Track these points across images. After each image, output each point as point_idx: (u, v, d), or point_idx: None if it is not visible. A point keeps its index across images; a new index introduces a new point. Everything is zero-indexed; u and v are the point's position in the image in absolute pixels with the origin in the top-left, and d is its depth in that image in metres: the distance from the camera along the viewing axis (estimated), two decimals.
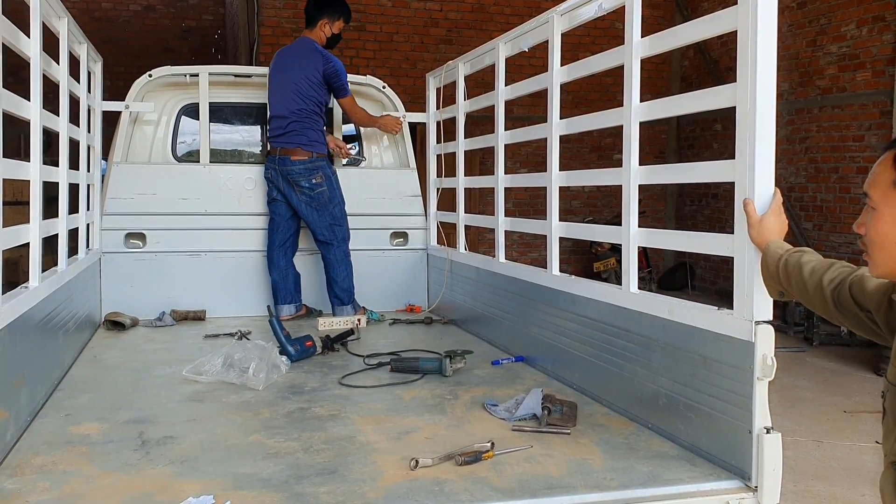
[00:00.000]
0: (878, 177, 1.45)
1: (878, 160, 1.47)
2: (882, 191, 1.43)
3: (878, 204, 1.43)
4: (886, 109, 8.77)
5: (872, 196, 1.45)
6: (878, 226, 1.43)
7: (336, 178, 4.90)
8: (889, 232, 1.42)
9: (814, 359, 8.04)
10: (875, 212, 1.44)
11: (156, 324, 4.59)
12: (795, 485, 4.66)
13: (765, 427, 2.12)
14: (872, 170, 1.47)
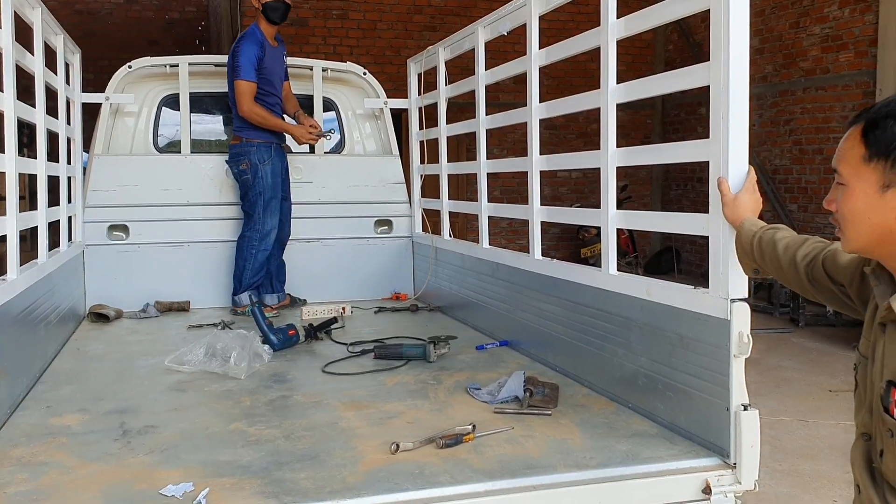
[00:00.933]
0: (846, 152, 1.44)
1: (845, 135, 1.46)
2: (852, 166, 1.42)
3: (849, 180, 1.43)
4: (869, 90, 8.80)
5: (842, 172, 1.45)
6: (850, 202, 1.43)
7: (268, 169, 4.71)
8: (861, 208, 1.42)
9: (800, 339, 8.09)
10: (846, 188, 1.44)
11: (140, 315, 4.57)
12: (781, 463, 4.70)
13: (742, 404, 2.13)
14: (840, 145, 1.47)
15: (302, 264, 5.08)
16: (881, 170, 1.37)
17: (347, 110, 5.37)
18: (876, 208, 1.39)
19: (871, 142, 1.38)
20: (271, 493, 1.99)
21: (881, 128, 1.37)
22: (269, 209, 4.75)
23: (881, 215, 1.39)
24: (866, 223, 1.41)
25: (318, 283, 5.10)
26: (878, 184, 1.38)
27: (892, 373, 1.41)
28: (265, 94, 4.73)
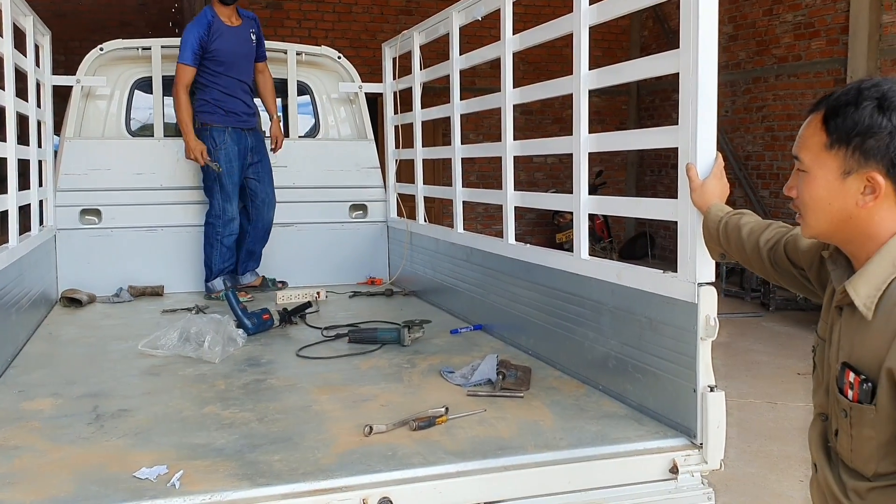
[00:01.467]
0: (807, 140, 1.47)
1: (806, 123, 1.49)
2: (813, 153, 1.45)
3: (810, 167, 1.46)
4: (840, 77, 8.90)
5: (803, 159, 1.48)
6: (811, 188, 1.46)
7: (221, 153, 4.67)
8: (822, 194, 1.45)
9: (770, 323, 8.22)
10: (807, 175, 1.47)
11: (113, 300, 4.55)
12: (749, 445, 4.79)
13: (709, 385, 2.18)
14: (801, 133, 1.50)
15: (276, 248, 5.07)
16: (842, 157, 1.40)
17: (322, 94, 5.35)
18: (836, 194, 1.42)
19: (832, 129, 1.41)
20: (245, 475, 2.01)
21: (841, 115, 1.40)
22: (226, 194, 4.71)
23: (841, 201, 1.42)
24: (827, 209, 1.44)
25: (293, 268, 5.10)
26: (839, 170, 1.41)
27: (846, 355, 1.45)
28: (216, 75, 4.67)
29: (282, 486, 1.94)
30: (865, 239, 1.42)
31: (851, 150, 1.38)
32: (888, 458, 1.38)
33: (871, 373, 1.38)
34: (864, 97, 1.38)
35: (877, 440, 1.38)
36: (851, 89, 1.41)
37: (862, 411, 1.39)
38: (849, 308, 1.46)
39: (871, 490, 1.42)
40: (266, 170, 4.92)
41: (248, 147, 4.80)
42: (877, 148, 1.36)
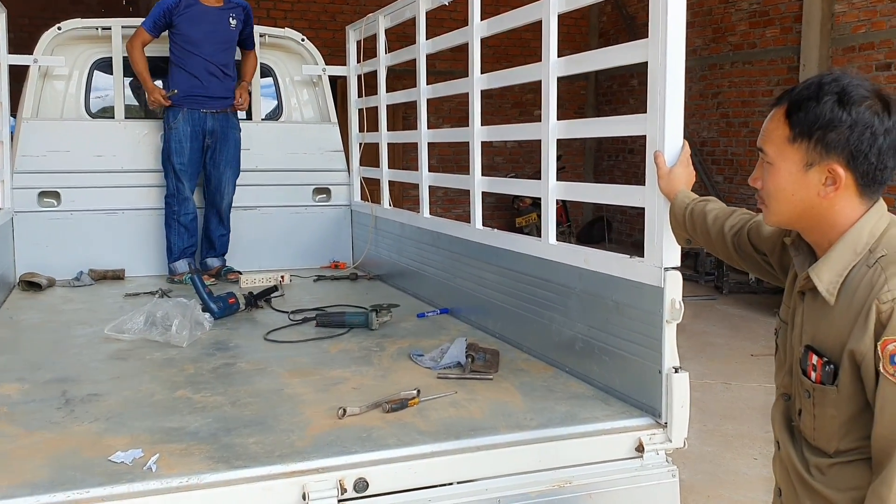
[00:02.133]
0: (771, 133, 1.52)
1: (770, 116, 1.55)
2: (777, 146, 1.51)
3: (775, 159, 1.52)
4: (794, 65, 9.10)
5: (768, 152, 1.53)
6: (775, 179, 1.52)
7: (171, 134, 4.68)
8: (785, 185, 1.51)
9: (723, 306, 8.42)
10: (771, 166, 1.53)
11: (73, 284, 4.49)
12: (705, 424, 4.93)
13: (673, 367, 2.25)
14: (765, 126, 1.55)
15: (239, 232, 5.04)
16: (804, 149, 1.46)
17: (285, 76, 5.32)
18: (799, 185, 1.49)
19: (795, 123, 1.47)
20: (221, 457, 2.02)
21: (804, 110, 1.46)
22: (177, 174, 4.69)
23: (804, 191, 1.49)
24: (790, 199, 1.51)
25: (256, 252, 5.08)
26: (802, 162, 1.47)
27: (809, 338, 1.52)
28: (183, 54, 4.65)
29: (259, 469, 1.97)
30: (827, 227, 1.49)
31: (813, 143, 1.45)
32: (849, 436, 1.46)
33: (833, 355, 1.45)
34: (824, 92, 1.44)
35: (838, 419, 1.46)
36: (812, 84, 1.47)
37: (825, 392, 1.47)
38: (811, 293, 1.53)
39: (832, 466, 1.49)
40: (225, 157, 4.83)
41: (207, 130, 4.74)
42: (837, 141, 1.43)
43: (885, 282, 1.37)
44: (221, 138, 4.81)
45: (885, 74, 8.04)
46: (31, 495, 1.81)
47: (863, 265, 1.44)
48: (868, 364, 1.38)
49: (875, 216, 1.47)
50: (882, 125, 1.42)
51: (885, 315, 1.35)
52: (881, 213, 1.48)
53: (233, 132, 4.85)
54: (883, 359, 1.35)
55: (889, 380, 1.34)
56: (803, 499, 1.56)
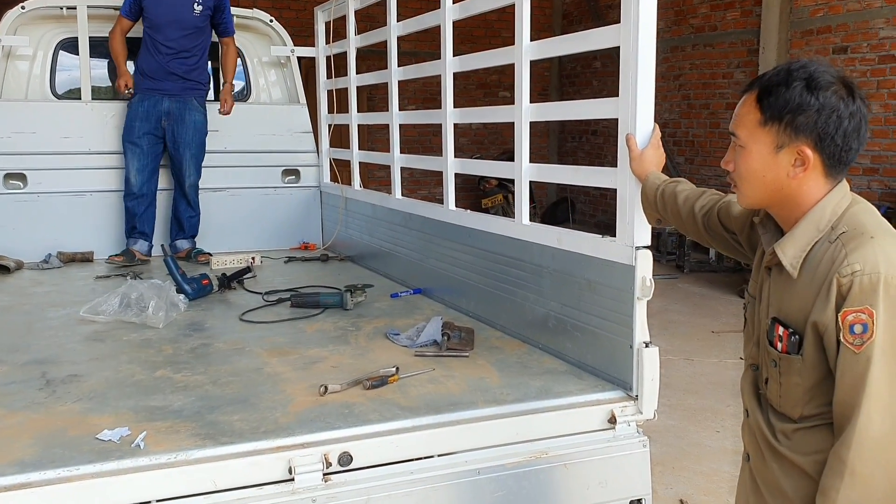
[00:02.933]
0: (744, 117, 1.60)
1: (742, 101, 1.62)
2: (749, 130, 1.58)
3: (746, 142, 1.59)
4: (753, 48, 9.27)
5: (740, 135, 1.60)
6: (747, 162, 1.60)
7: (129, 113, 4.74)
8: (757, 167, 1.58)
9: (685, 284, 8.60)
10: (744, 149, 1.60)
11: (42, 266, 4.46)
12: (668, 399, 5.07)
13: (644, 342, 2.34)
14: (737, 111, 1.63)
15: (208, 214, 5.03)
16: (775, 132, 1.54)
17: (253, 57, 5.29)
18: (770, 167, 1.57)
19: (766, 107, 1.54)
20: (208, 434, 2.07)
21: (774, 95, 1.54)
22: (128, 155, 4.71)
23: (774, 173, 1.57)
24: (761, 180, 1.59)
25: (226, 233, 5.07)
26: (773, 145, 1.55)
27: (775, 310, 1.61)
28: (148, 37, 4.66)
29: (246, 444, 2.02)
30: (794, 206, 1.58)
31: (783, 126, 1.53)
32: (812, 402, 1.56)
33: (797, 326, 1.55)
34: (793, 78, 1.52)
35: (802, 386, 1.56)
36: (782, 70, 1.56)
37: (790, 361, 1.56)
38: (777, 268, 1.62)
39: (796, 431, 1.59)
40: (184, 140, 4.78)
41: (163, 112, 4.72)
42: (806, 124, 1.51)
43: (846, 256, 1.46)
44: (178, 120, 4.75)
45: (842, 57, 8.24)
46: (21, 473, 1.83)
47: (825, 241, 1.52)
48: (830, 334, 1.47)
49: (838, 195, 1.56)
50: (847, 109, 1.50)
51: (846, 288, 1.44)
52: (843, 193, 1.57)
53: (191, 114, 4.80)
54: (843, 329, 1.44)
55: (849, 348, 1.44)
56: (770, 463, 1.66)
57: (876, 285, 1.42)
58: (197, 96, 4.83)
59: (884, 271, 1.42)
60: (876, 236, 1.47)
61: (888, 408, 1.42)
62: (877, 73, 7.92)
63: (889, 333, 1.42)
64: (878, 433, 1.42)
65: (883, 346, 1.42)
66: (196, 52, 4.78)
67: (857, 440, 1.42)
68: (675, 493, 3.86)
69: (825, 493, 1.47)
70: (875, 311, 1.41)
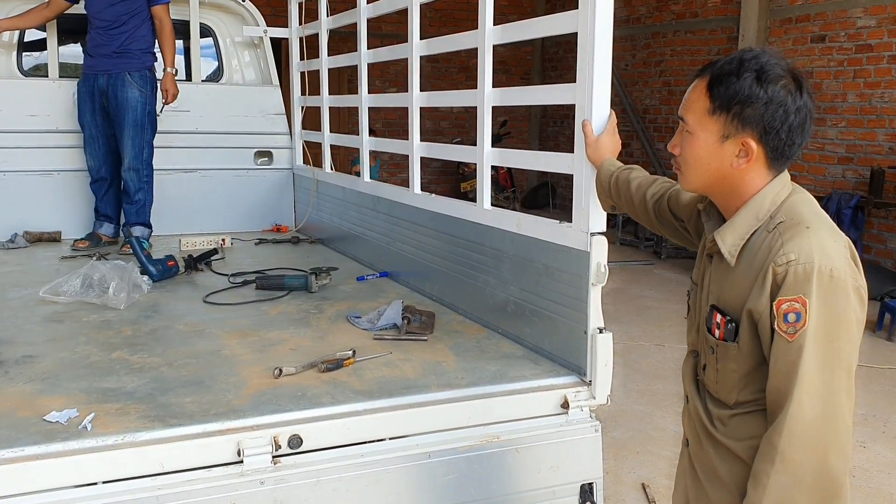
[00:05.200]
0: (693, 104, 1.59)
1: (693, 86, 1.62)
2: (697, 117, 1.58)
3: (694, 129, 1.59)
4: (733, 35, 9.29)
5: (688, 121, 1.61)
6: (693, 148, 1.60)
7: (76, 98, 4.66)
8: (702, 154, 1.59)
9: (661, 271, 8.65)
10: (690, 135, 1.60)
11: (8, 246, 4.42)
12: (637, 384, 5.11)
13: (598, 328, 2.35)
14: (687, 96, 1.63)
15: (179, 195, 5.00)
16: (722, 122, 1.54)
17: (225, 37, 5.24)
18: (715, 155, 1.57)
19: (716, 96, 1.54)
20: (157, 416, 2.06)
21: (724, 84, 1.53)
22: (84, 141, 4.64)
23: (718, 162, 1.57)
24: (705, 167, 1.60)
25: (197, 215, 5.05)
26: (719, 134, 1.55)
27: (715, 298, 1.63)
28: (89, 19, 4.53)
29: (194, 426, 2.01)
30: (735, 195, 1.59)
31: (731, 116, 1.53)
32: (747, 389, 1.57)
33: (734, 314, 1.56)
34: (745, 68, 1.52)
35: (738, 373, 1.57)
36: (734, 59, 1.55)
37: (727, 348, 1.58)
38: (717, 256, 1.63)
39: (732, 417, 1.61)
40: (119, 118, 4.55)
41: (99, 90, 4.57)
42: (753, 116, 1.51)
43: (782, 246, 1.47)
44: (112, 99, 4.55)
45: (820, 46, 8.27)
46: None
47: (763, 230, 1.54)
48: (764, 322, 1.48)
49: (778, 185, 1.57)
50: (794, 104, 1.51)
51: (781, 277, 1.45)
52: (784, 183, 1.58)
53: (124, 91, 4.53)
54: (777, 317, 1.45)
55: (782, 337, 1.45)
56: (707, 448, 1.68)
57: (810, 275, 1.43)
58: (131, 70, 4.54)
59: (818, 261, 1.43)
60: (812, 227, 1.48)
61: (818, 394, 1.44)
62: (853, 62, 7.96)
63: (821, 322, 1.43)
64: (808, 419, 1.43)
65: (815, 335, 1.43)
66: (126, 24, 4.50)
67: (788, 426, 1.44)
68: (638, 476, 3.90)
69: (757, 478, 1.49)
70: (808, 300, 1.43)
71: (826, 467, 1.44)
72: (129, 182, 4.62)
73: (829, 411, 1.44)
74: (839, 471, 1.45)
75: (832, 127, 8.15)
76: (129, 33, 4.53)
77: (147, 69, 4.60)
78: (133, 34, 4.54)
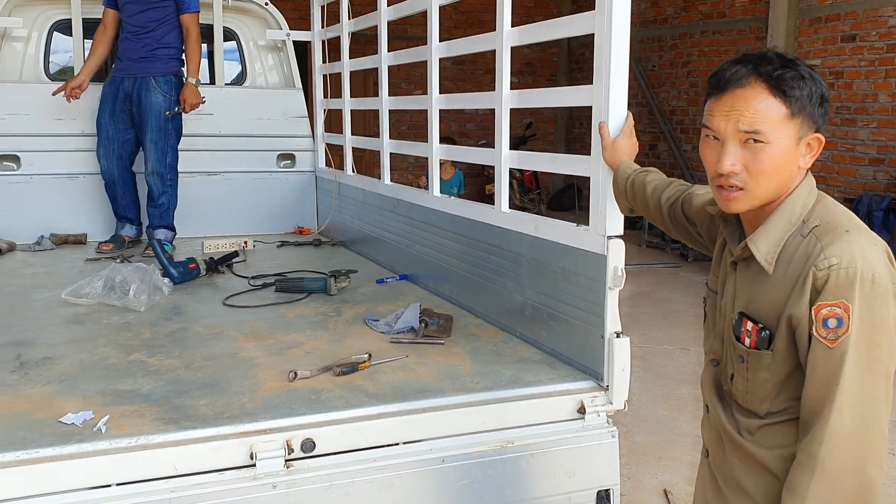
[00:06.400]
0: (764, 113, 1.47)
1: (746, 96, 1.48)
2: (774, 125, 1.47)
3: (771, 138, 1.47)
4: (761, 35, 9.17)
5: (764, 131, 1.47)
6: (772, 158, 1.48)
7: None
8: (781, 161, 1.49)
9: (687, 273, 8.56)
10: (767, 146, 1.48)
11: (34, 248, 4.48)
12: (661, 388, 5.05)
13: (615, 332, 2.32)
14: (749, 107, 1.48)
15: (203, 197, 5.03)
16: (800, 123, 1.48)
17: (249, 41, 5.28)
18: (791, 159, 1.50)
19: (794, 99, 1.46)
20: (171, 419, 2.07)
21: (796, 86, 1.46)
22: (98, 143, 4.64)
23: (792, 166, 1.51)
24: (780, 175, 1.51)
25: (220, 217, 5.08)
26: (796, 137, 1.49)
27: (743, 305, 1.58)
28: (122, 23, 4.57)
29: (207, 429, 2.01)
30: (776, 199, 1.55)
31: (807, 116, 1.49)
32: (780, 397, 1.53)
33: (768, 321, 1.51)
34: (797, 67, 1.48)
35: (771, 381, 1.53)
36: (786, 60, 1.48)
37: (759, 356, 1.53)
38: (744, 263, 1.59)
39: (761, 427, 1.57)
40: (144, 122, 4.55)
41: (125, 94, 4.58)
42: (823, 113, 1.51)
43: (822, 250, 1.43)
44: (137, 103, 4.57)
45: (850, 46, 8.13)
46: None
47: (797, 235, 1.50)
48: (803, 328, 1.44)
49: (805, 189, 1.53)
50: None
51: (821, 282, 1.41)
52: (810, 187, 1.54)
53: (148, 95, 4.54)
54: (816, 322, 1.41)
55: (821, 342, 1.41)
56: (731, 458, 1.64)
57: (853, 279, 1.39)
58: (156, 75, 4.56)
59: (860, 266, 1.40)
60: (850, 230, 1.45)
61: (859, 404, 1.40)
62: (885, 61, 7.81)
63: (863, 329, 1.39)
64: (848, 429, 1.40)
65: (857, 341, 1.39)
66: (155, 30, 4.53)
67: (828, 436, 1.40)
68: (661, 482, 3.85)
69: (793, 489, 1.45)
70: (851, 305, 1.39)
71: (864, 477, 1.41)
72: (153, 186, 4.63)
73: (868, 420, 1.41)
74: (876, 480, 1.42)
75: (863, 128, 8.01)
76: (158, 39, 4.56)
77: (173, 74, 4.61)
78: (161, 40, 4.57)
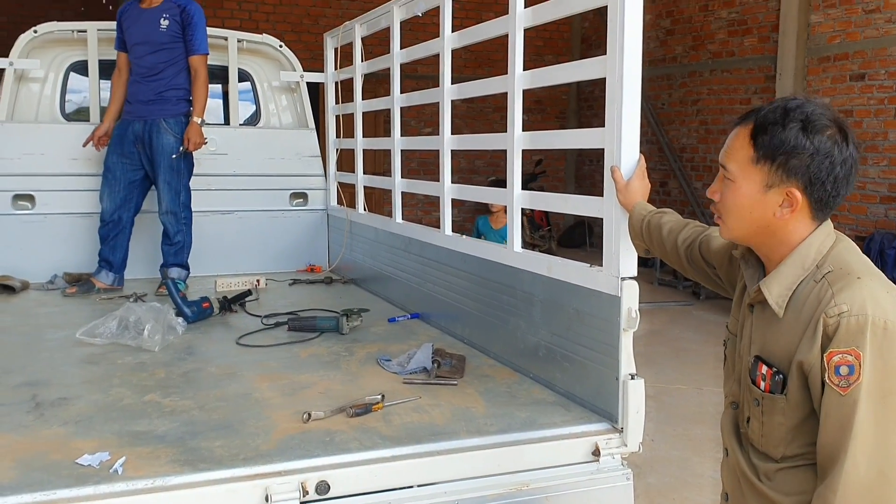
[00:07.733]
0: (736, 152, 1.56)
1: (735, 133, 1.58)
2: (740, 165, 1.55)
3: (736, 177, 1.55)
4: (770, 74, 9.23)
5: (730, 169, 1.57)
6: (735, 196, 1.56)
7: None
8: (744, 203, 1.55)
9: (700, 312, 8.52)
10: (732, 183, 1.56)
11: (48, 287, 4.51)
12: (675, 429, 5.01)
13: (629, 374, 2.31)
14: (729, 143, 1.59)
15: (216, 236, 5.07)
16: (766, 171, 1.51)
17: (263, 82, 5.36)
18: (757, 205, 1.54)
19: (760, 145, 1.51)
20: (186, 460, 2.07)
21: (769, 133, 1.50)
22: (102, 180, 4.63)
23: (761, 211, 1.54)
24: (748, 217, 1.56)
25: (233, 256, 5.11)
26: (762, 183, 1.52)
27: (758, 349, 1.59)
28: (131, 66, 4.62)
29: (223, 471, 2.01)
30: (779, 244, 1.56)
31: (776, 166, 1.50)
32: (795, 442, 1.53)
33: (781, 365, 1.52)
34: (790, 118, 1.49)
35: (786, 426, 1.53)
36: (779, 108, 1.51)
37: (773, 400, 1.53)
38: (760, 306, 1.59)
39: (778, 471, 1.56)
40: (156, 163, 4.57)
41: (135, 136, 4.59)
42: (798, 167, 1.48)
43: (833, 297, 1.43)
44: (149, 144, 4.58)
45: (859, 84, 8.18)
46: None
47: (810, 280, 1.50)
48: (815, 375, 1.44)
49: (822, 234, 1.54)
50: (840, 155, 1.48)
51: (832, 328, 1.41)
52: (828, 232, 1.55)
53: (160, 137, 4.55)
54: (828, 370, 1.41)
55: (834, 390, 1.41)
56: (750, 502, 1.62)
57: (863, 327, 1.39)
58: (166, 117, 4.58)
59: (871, 313, 1.40)
60: (863, 277, 1.45)
61: (874, 452, 1.40)
62: (894, 100, 7.85)
63: (875, 376, 1.39)
64: (863, 477, 1.39)
65: (869, 389, 1.39)
66: (163, 72, 4.56)
67: (843, 484, 1.39)
68: None
69: None
70: (862, 352, 1.39)
71: None
72: (168, 225, 4.66)
73: (883, 470, 1.40)
74: None
75: (874, 166, 8.02)
76: (166, 81, 4.58)
77: (183, 115, 4.64)
78: (170, 82, 4.59)
